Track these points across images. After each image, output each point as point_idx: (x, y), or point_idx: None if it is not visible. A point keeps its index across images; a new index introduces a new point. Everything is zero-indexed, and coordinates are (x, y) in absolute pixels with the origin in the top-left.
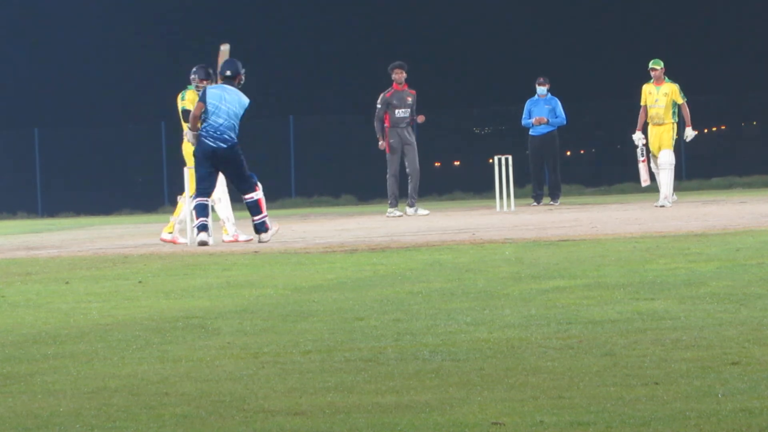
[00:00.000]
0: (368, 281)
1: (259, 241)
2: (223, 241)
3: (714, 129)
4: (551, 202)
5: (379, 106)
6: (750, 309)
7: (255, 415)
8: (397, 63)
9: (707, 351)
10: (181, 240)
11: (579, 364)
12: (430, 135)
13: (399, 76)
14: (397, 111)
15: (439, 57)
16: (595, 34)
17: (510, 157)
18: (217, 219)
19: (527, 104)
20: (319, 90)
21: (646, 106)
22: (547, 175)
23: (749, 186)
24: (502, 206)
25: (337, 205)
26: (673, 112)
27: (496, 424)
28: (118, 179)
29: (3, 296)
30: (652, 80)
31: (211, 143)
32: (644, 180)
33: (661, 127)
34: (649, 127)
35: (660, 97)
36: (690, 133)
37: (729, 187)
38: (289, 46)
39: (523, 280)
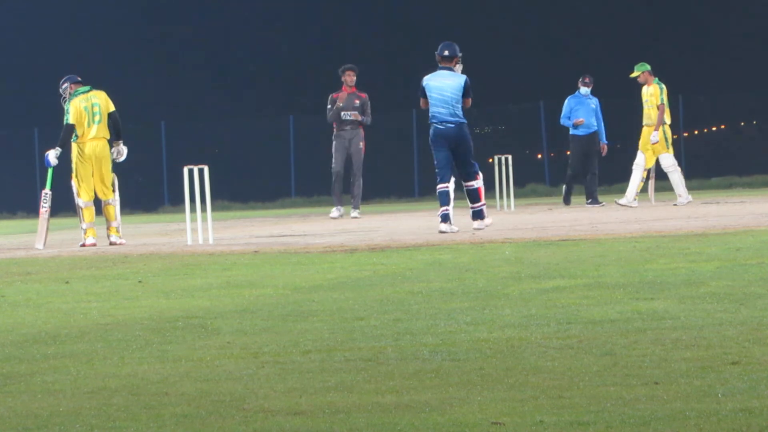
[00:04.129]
0: (368, 281)
1: (474, 228)
2: (81, 246)
3: (714, 129)
4: (597, 204)
5: (329, 106)
6: (750, 309)
7: (255, 415)
8: (349, 65)
9: (707, 351)
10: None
11: (579, 364)
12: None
13: (351, 78)
14: (343, 114)
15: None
16: (590, 34)
17: (510, 157)
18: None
19: (569, 101)
20: (319, 90)
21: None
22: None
23: (749, 186)
24: (502, 206)
25: None
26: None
27: (496, 424)
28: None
29: (3, 296)
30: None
31: (439, 126)
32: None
33: (650, 128)
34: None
35: (648, 97)
36: (653, 136)
37: (729, 186)
38: (290, 46)
39: (523, 280)
